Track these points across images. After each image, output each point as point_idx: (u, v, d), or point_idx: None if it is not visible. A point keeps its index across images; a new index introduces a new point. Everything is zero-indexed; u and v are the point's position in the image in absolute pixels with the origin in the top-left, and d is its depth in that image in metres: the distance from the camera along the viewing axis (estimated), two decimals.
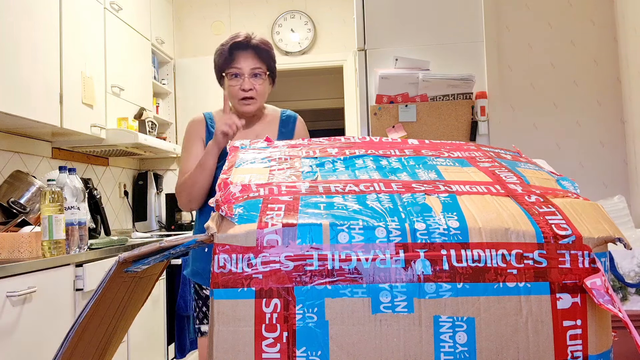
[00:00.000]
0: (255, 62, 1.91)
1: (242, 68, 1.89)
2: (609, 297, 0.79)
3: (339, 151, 1.10)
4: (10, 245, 2.15)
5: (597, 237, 0.83)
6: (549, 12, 2.91)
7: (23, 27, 2.50)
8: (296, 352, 0.79)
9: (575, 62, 2.88)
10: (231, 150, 1.14)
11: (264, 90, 1.94)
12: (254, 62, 1.90)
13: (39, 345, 2.04)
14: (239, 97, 1.90)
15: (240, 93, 1.90)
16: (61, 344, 0.94)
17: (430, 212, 0.85)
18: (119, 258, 0.94)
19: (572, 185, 1.00)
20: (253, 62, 1.90)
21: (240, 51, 1.91)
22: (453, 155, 1.10)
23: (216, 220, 0.84)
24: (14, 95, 2.41)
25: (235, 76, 1.90)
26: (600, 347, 0.82)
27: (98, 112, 3.19)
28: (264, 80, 1.93)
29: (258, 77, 1.91)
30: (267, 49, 1.95)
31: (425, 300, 0.80)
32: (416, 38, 2.89)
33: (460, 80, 2.73)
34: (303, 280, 0.80)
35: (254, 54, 1.91)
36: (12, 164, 2.89)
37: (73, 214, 2.32)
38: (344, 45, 4.84)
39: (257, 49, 1.91)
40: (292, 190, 0.91)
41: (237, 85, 1.90)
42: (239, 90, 1.90)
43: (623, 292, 1.80)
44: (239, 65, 1.90)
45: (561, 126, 2.88)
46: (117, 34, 3.50)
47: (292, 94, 6.89)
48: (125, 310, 1.09)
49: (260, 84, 1.91)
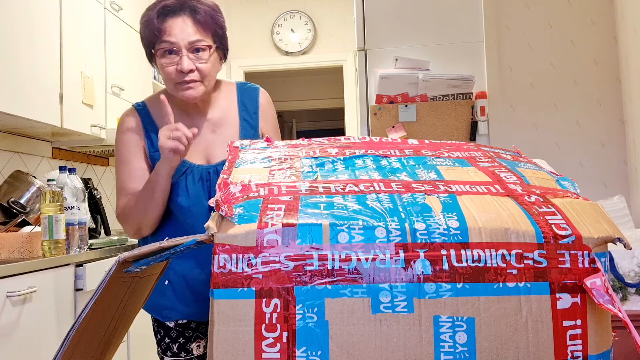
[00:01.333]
0: (196, 31, 1.43)
1: (177, 42, 1.42)
2: (609, 297, 0.79)
3: (339, 151, 1.10)
4: (10, 245, 2.15)
5: (597, 237, 0.83)
6: (549, 12, 2.91)
7: (23, 27, 2.50)
8: (296, 352, 0.79)
9: (575, 62, 2.88)
10: (231, 150, 1.14)
11: (211, 69, 1.46)
12: (193, 32, 1.43)
13: (39, 345, 2.04)
14: (176, 80, 1.44)
15: (178, 75, 1.43)
16: (61, 344, 0.94)
17: (430, 212, 0.85)
18: (119, 258, 0.94)
19: (572, 185, 1.00)
20: (193, 32, 1.43)
21: (171, 16, 1.43)
22: (453, 155, 1.10)
23: (216, 220, 0.84)
24: (14, 95, 2.41)
25: (169, 52, 1.43)
26: (600, 347, 0.82)
27: (98, 112, 3.19)
28: (210, 55, 1.45)
29: (201, 51, 1.43)
30: (211, 11, 1.48)
31: (425, 300, 0.80)
32: (416, 38, 2.89)
33: (460, 80, 2.73)
34: (303, 280, 0.80)
35: (192, 21, 1.43)
36: (12, 164, 2.89)
37: (73, 214, 2.32)
38: (344, 45, 4.84)
39: (195, 13, 1.44)
40: (292, 190, 0.91)
41: (172, 65, 1.43)
42: (175, 71, 1.43)
43: (623, 292, 1.80)
44: (173, 37, 1.42)
45: (561, 126, 2.88)
46: (117, 34, 3.50)
47: (292, 94, 6.89)
48: (125, 310, 1.09)
49: (204, 61, 1.44)
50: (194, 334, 1.58)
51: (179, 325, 1.57)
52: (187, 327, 1.57)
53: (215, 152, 1.50)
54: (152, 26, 1.44)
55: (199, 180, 1.46)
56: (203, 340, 1.58)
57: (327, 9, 4.85)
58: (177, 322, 1.57)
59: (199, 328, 1.58)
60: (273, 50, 4.89)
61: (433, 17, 2.88)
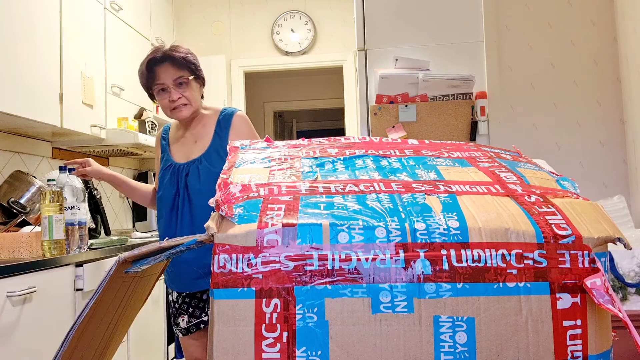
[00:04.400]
0: (176, 71, 1.96)
1: (164, 82, 1.96)
2: (608, 297, 0.79)
3: (339, 151, 1.10)
4: (10, 245, 2.15)
5: (597, 237, 0.83)
6: (549, 12, 2.91)
7: (23, 27, 2.50)
8: (296, 352, 0.79)
9: (575, 62, 2.88)
10: (231, 151, 1.14)
11: (193, 94, 2.00)
12: (174, 73, 1.96)
13: (39, 345, 2.04)
14: (170, 107, 1.98)
15: (169, 104, 1.98)
16: (61, 344, 0.94)
17: (430, 212, 0.85)
18: (119, 258, 0.94)
19: (572, 185, 1.00)
20: (174, 73, 1.96)
21: (157, 66, 1.97)
22: (453, 156, 1.10)
23: (216, 220, 0.84)
24: (14, 95, 2.41)
25: (162, 90, 1.97)
26: (600, 347, 0.82)
27: (98, 112, 3.19)
28: (189, 85, 1.98)
29: (183, 85, 1.97)
30: (183, 55, 1.98)
31: (425, 300, 0.80)
32: (416, 38, 2.89)
33: (460, 80, 2.73)
34: (303, 280, 0.80)
35: (171, 65, 1.96)
36: (12, 164, 2.89)
37: (73, 214, 2.32)
38: (344, 45, 4.84)
39: (173, 59, 1.96)
40: (292, 190, 0.91)
41: (165, 99, 1.98)
42: (168, 102, 1.97)
43: (623, 292, 1.80)
44: (161, 80, 1.96)
45: (561, 126, 2.88)
46: (117, 34, 3.50)
47: (292, 94, 6.89)
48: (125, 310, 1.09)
49: (186, 90, 1.97)
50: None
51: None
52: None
53: (192, 154, 2.01)
54: (145, 75, 2.00)
55: (174, 173, 1.99)
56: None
57: (327, 9, 4.85)
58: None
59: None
60: (273, 50, 4.89)
61: (433, 17, 2.88)
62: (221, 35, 4.91)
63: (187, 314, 1.98)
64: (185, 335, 2.00)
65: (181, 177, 1.97)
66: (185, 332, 1.99)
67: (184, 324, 1.99)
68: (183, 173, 1.97)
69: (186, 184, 1.95)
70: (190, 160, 1.99)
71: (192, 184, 1.94)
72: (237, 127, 2.03)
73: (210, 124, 2.04)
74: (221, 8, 4.94)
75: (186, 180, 1.95)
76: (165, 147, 2.09)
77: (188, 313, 1.98)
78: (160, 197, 2.01)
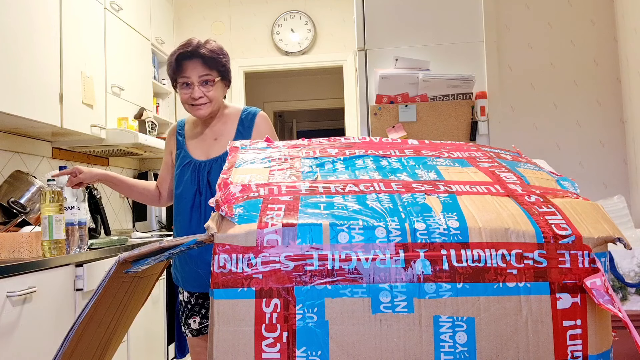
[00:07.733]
0: (204, 69, 1.92)
1: (190, 77, 1.92)
2: (608, 297, 0.79)
3: (339, 151, 1.10)
4: (10, 245, 2.15)
5: (597, 237, 0.83)
6: (549, 12, 2.91)
7: (23, 27, 2.50)
8: (296, 352, 0.79)
9: (575, 62, 2.88)
10: (231, 151, 1.14)
11: (216, 94, 1.96)
12: (202, 70, 1.92)
13: (39, 345, 2.04)
14: (189, 103, 1.95)
15: (190, 100, 1.94)
16: (61, 344, 0.94)
17: (430, 212, 0.85)
18: (119, 258, 0.94)
19: (572, 185, 1.00)
20: (202, 70, 1.92)
21: (187, 61, 1.92)
22: (453, 156, 1.10)
23: (216, 220, 0.84)
24: (14, 95, 2.41)
25: (186, 85, 1.94)
26: (600, 347, 0.82)
27: (98, 112, 3.19)
28: (214, 85, 1.95)
29: (208, 84, 1.93)
30: (215, 56, 1.94)
31: (425, 300, 0.80)
32: (416, 38, 2.89)
33: (460, 80, 2.73)
34: (303, 280, 0.80)
35: (201, 62, 1.92)
36: (12, 164, 2.89)
37: (73, 214, 2.32)
38: (344, 45, 4.84)
39: (204, 58, 1.92)
40: (292, 190, 0.91)
41: (187, 94, 1.94)
42: (189, 97, 1.94)
43: (623, 292, 1.80)
44: (187, 74, 1.92)
45: (561, 126, 2.88)
46: (117, 34, 3.50)
47: (292, 94, 6.89)
48: (125, 310, 1.09)
49: (210, 90, 1.94)
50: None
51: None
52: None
53: (213, 151, 1.99)
54: (173, 67, 1.95)
55: (194, 170, 1.96)
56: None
57: (327, 9, 4.85)
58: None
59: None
60: (273, 50, 4.89)
61: (433, 17, 2.88)
62: (221, 35, 4.90)
63: (199, 315, 1.96)
64: (195, 337, 1.97)
65: (202, 174, 1.94)
66: (196, 333, 1.97)
67: (196, 325, 1.96)
68: (204, 170, 1.94)
69: (208, 182, 1.93)
70: (212, 158, 1.96)
71: (214, 181, 1.91)
72: (260, 127, 2.01)
73: (231, 122, 2.02)
74: (221, 8, 4.94)
75: (208, 178, 1.93)
76: (182, 142, 2.05)
77: (200, 314, 1.95)
78: (180, 194, 1.97)
